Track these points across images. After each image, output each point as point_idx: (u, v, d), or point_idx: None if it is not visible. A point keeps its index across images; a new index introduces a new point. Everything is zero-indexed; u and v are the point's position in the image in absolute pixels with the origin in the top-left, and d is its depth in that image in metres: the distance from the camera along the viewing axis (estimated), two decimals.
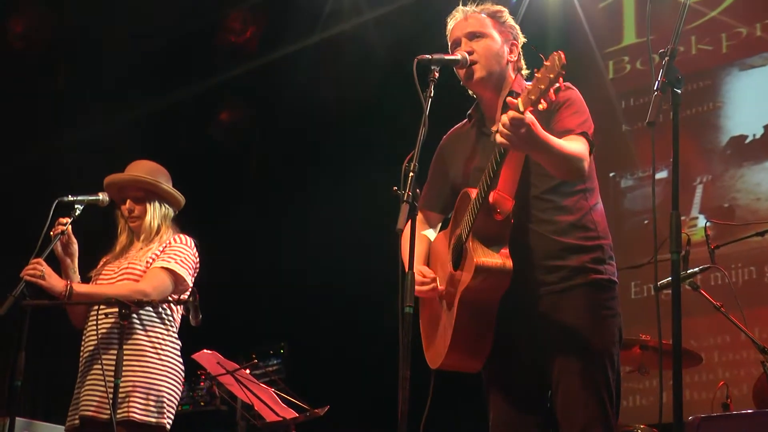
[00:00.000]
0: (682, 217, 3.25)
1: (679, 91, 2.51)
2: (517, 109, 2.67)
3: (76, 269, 4.08)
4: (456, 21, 3.21)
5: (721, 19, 6.72)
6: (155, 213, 4.21)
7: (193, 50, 7.91)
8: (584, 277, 2.96)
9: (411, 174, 2.76)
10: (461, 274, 2.97)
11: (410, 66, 2.92)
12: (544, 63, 2.65)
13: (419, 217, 3.32)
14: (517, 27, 3.25)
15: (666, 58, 2.51)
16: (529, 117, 2.67)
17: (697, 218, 6.35)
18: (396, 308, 2.71)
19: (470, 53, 3.10)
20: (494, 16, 3.19)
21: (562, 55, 2.62)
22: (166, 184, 4.25)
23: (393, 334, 3.13)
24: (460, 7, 3.23)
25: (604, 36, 7.30)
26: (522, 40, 3.24)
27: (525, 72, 3.21)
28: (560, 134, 2.93)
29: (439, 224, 3.38)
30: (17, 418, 4.10)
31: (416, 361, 2.77)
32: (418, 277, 3.03)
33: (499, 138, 2.72)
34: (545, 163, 2.91)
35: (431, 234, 3.35)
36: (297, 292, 7.60)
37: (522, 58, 3.22)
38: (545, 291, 2.97)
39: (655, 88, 2.48)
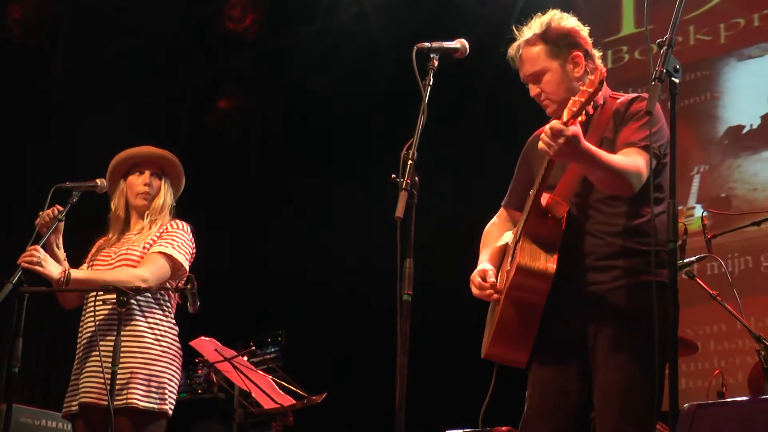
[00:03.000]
0: (680, 207, 3.26)
1: (677, 81, 2.52)
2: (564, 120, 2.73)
3: (60, 244, 4.07)
4: (515, 59, 3.22)
5: (720, 9, 6.72)
6: (167, 193, 4.23)
7: (193, 38, 7.90)
8: (635, 278, 2.98)
9: (410, 162, 2.76)
10: (511, 271, 3.02)
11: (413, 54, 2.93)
12: (589, 77, 2.79)
13: (503, 215, 3.42)
14: (572, 25, 3.22)
15: (664, 48, 2.52)
16: (573, 129, 2.71)
17: (694, 208, 6.35)
18: (395, 296, 2.72)
19: (539, 95, 3.15)
20: (545, 41, 3.17)
21: (603, 71, 2.76)
22: (182, 171, 4.29)
23: (392, 321, 3.14)
24: (514, 43, 3.22)
25: (603, 26, 7.29)
26: (583, 35, 3.21)
27: (598, 55, 3.21)
28: (621, 146, 2.97)
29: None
30: (14, 405, 4.10)
31: (419, 350, 2.77)
32: (477, 280, 3.11)
33: (540, 145, 2.78)
34: (590, 175, 2.95)
35: (510, 232, 3.35)
36: (295, 280, 7.60)
37: (589, 56, 3.19)
38: (596, 290, 3.00)
39: (653, 78, 2.49)
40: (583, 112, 2.73)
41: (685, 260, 4.38)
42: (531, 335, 3.01)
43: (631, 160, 2.91)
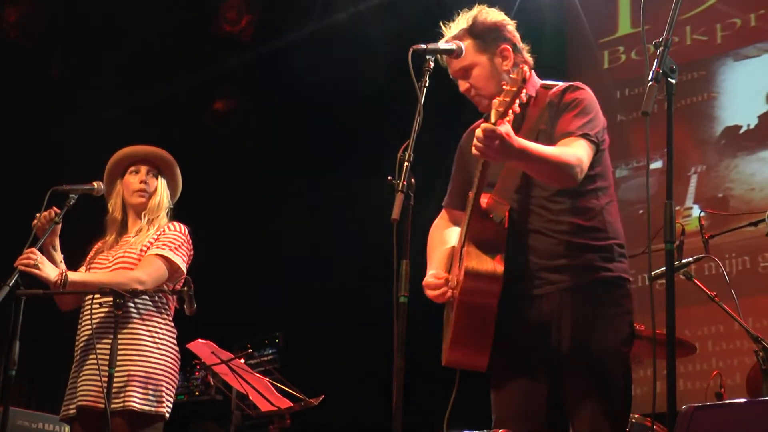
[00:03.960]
0: (677, 207, 3.26)
1: (673, 81, 2.51)
2: (490, 121, 2.70)
3: (57, 246, 4.07)
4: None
5: (716, 10, 6.72)
6: (165, 192, 4.23)
7: (189, 39, 7.89)
8: (592, 275, 2.96)
9: (406, 163, 2.76)
10: (460, 277, 2.99)
11: (408, 56, 2.92)
12: (511, 75, 2.74)
13: (444, 216, 3.36)
14: (500, 22, 3.18)
15: (661, 49, 2.52)
16: (504, 128, 2.68)
17: (691, 208, 6.36)
18: (392, 298, 2.72)
19: (469, 90, 3.13)
20: (473, 35, 3.14)
21: (525, 70, 2.71)
22: (178, 171, 4.29)
23: (388, 323, 3.14)
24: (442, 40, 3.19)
25: (600, 26, 7.31)
26: (510, 29, 3.19)
27: (530, 59, 3.19)
28: (560, 137, 2.94)
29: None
30: (11, 408, 4.10)
31: (415, 353, 2.77)
32: (431, 281, 3.07)
33: (473, 150, 2.75)
34: (529, 171, 2.93)
35: (454, 233, 3.33)
36: (293, 282, 7.59)
37: (517, 49, 3.17)
38: (553, 289, 2.96)
39: (649, 78, 2.49)
40: (511, 110, 2.70)
41: (683, 261, 4.37)
42: (488, 339, 2.96)
43: (570, 149, 2.90)
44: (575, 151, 2.89)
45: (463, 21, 3.18)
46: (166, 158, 4.30)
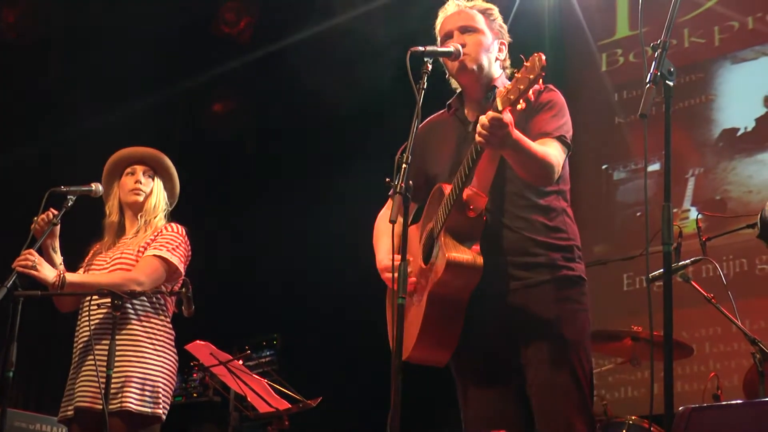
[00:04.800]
0: (674, 210, 3.27)
1: (671, 84, 2.52)
2: (496, 109, 2.69)
3: (57, 248, 4.06)
4: (447, 14, 3.23)
5: (714, 12, 6.73)
6: (161, 193, 4.23)
7: (187, 42, 7.89)
8: (556, 273, 3.00)
9: (404, 165, 2.76)
10: (432, 269, 2.98)
11: (406, 59, 2.92)
12: (525, 64, 2.67)
13: (391, 204, 3.32)
14: (506, 28, 3.28)
15: (659, 51, 2.52)
16: (508, 117, 2.69)
17: (689, 210, 6.36)
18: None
19: (463, 46, 3.11)
20: (486, 14, 3.22)
21: (542, 57, 2.64)
22: (174, 172, 4.30)
23: (385, 324, 3.14)
24: (453, 0, 3.24)
25: (598, 28, 7.32)
26: (509, 40, 3.27)
27: (508, 71, 3.22)
28: (536, 137, 2.96)
29: (413, 213, 3.37)
30: (9, 409, 4.09)
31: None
32: (388, 264, 3.04)
33: (477, 137, 2.74)
34: (516, 164, 2.93)
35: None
36: (291, 284, 7.60)
37: (508, 58, 3.24)
38: (517, 285, 2.99)
39: (647, 80, 2.49)
40: (524, 98, 2.65)
41: (680, 263, 4.37)
42: (456, 334, 2.97)
43: (549, 149, 2.93)
44: (555, 153, 2.94)
45: (480, 4, 3.24)
46: (162, 159, 4.30)
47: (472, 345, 3.00)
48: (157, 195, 4.23)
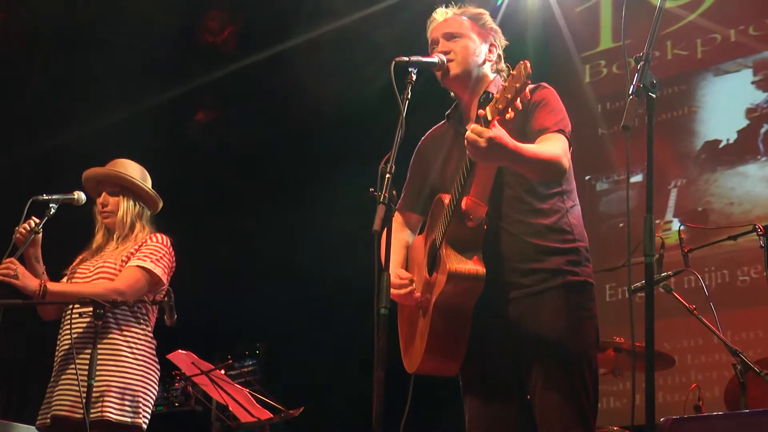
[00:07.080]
0: (657, 221, 3.28)
1: (654, 96, 2.52)
2: (485, 119, 2.68)
3: (39, 257, 4.05)
4: (435, 23, 3.22)
5: (697, 25, 6.78)
6: (128, 209, 4.21)
7: (173, 51, 7.88)
8: (560, 279, 2.95)
9: (387, 175, 2.75)
10: (436, 280, 2.97)
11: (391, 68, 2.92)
12: (511, 72, 2.67)
13: (399, 219, 3.35)
14: (499, 30, 3.26)
15: (641, 63, 2.53)
16: (495, 131, 2.67)
17: (671, 222, 6.39)
18: (372, 309, 2.72)
19: (447, 53, 3.12)
20: (474, 18, 3.21)
21: (528, 65, 2.63)
22: (142, 183, 4.25)
23: (369, 335, 3.14)
24: (440, 8, 3.25)
25: (581, 40, 7.36)
26: (503, 43, 3.25)
27: (504, 74, 3.21)
28: (537, 133, 2.95)
29: (419, 226, 3.37)
30: None
31: (395, 364, 2.76)
32: (395, 280, 3.03)
33: (468, 152, 2.74)
34: (522, 170, 2.92)
35: (410, 237, 3.35)
36: (273, 293, 7.58)
37: (503, 60, 3.23)
38: (521, 294, 2.95)
39: (630, 92, 2.50)
40: (513, 107, 2.63)
41: (663, 274, 4.39)
42: (463, 344, 2.96)
43: (553, 145, 2.92)
44: (559, 146, 2.92)
45: (468, 6, 3.24)
46: (120, 178, 4.24)
47: (475, 355, 2.98)
48: (123, 211, 4.20)
